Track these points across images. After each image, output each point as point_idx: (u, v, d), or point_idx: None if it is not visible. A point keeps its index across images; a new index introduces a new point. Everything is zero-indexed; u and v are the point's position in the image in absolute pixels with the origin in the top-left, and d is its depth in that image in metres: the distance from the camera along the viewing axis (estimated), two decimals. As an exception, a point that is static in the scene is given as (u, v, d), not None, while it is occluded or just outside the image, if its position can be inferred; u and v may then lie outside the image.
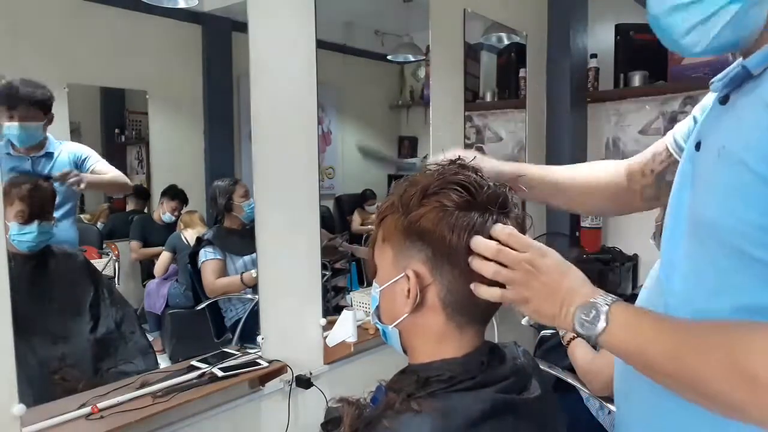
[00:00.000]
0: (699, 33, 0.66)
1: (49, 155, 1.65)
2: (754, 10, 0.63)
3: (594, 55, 2.89)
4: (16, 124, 1.57)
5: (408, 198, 0.75)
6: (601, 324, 0.65)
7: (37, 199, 1.45)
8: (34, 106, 1.58)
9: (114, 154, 1.75)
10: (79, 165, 1.67)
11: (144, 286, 1.94)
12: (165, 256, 1.94)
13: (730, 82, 0.68)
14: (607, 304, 0.66)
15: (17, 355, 1.13)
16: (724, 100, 0.70)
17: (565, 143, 2.92)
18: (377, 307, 0.82)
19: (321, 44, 1.74)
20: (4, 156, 1.59)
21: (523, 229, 0.76)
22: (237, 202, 1.89)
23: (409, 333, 0.79)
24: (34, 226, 1.44)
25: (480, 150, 3.08)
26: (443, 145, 2.36)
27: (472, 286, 0.72)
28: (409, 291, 0.74)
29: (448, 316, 0.75)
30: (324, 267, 1.90)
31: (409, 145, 2.96)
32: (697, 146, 0.72)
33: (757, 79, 0.63)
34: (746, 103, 0.64)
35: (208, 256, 1.87)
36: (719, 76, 0.69)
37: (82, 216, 1.73)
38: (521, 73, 2.85)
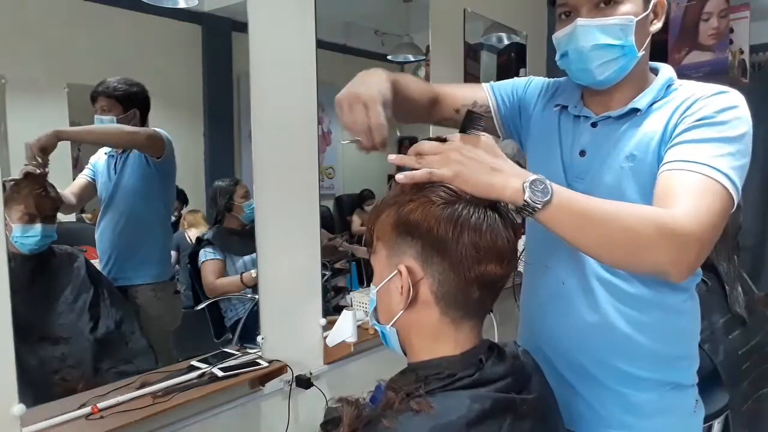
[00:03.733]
0: (604, 67, 0.95)
1: (125, 152, 1.67)
2: (633, 62, 0.95)
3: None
4: (95, 117, 1.61)
5: (397, 196, 0.77)
6: (548, 194, 0.77)
7: (40, 200, 1.45)
8: (110, 98, 1.62)
9: (114, 154, 1.74)
10: (143, 156, 1.69)
11: (144, 286, 1.94)
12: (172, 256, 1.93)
13: (622, 116, 0.98)
14: (546, 180, 0.78)
15: (17, 356, 1.14)
16: (595, 125, 1.02)
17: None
18: (375, 309, 0.83)
19: (321, 44, 1.74)
20: (106, 157, 1.66)
21: (515, 227, 0.78)
22: (237, 202, 1.89)
23: (407, 331, 0.79)
24: (37, 228, 1.44)
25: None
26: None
27: (397, 176, 0.77)
28: (402, 287, 0.75)
29: (442, 310, 0.76)
30: (324, 267, 1.90)
31: (409, 146, 2.95)
32: (582, 153, 1.02)
33: (641, 115, 0.97)
34: (642, 127, 0.96)
35: (208, 256, 1.87)
36: (611, 113, 0.99)
37: (83, 215, 1.73)
38: (521, 73, 2.85)
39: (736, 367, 1.67)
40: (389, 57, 2.88)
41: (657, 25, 0.97)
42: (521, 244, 1.20)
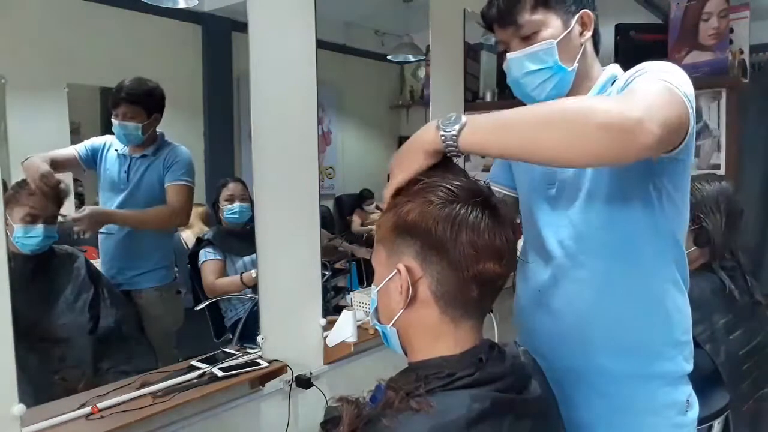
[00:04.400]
0: (540, 89, 1.02)
1: (145, 158, 1.67)
2: (568, 77, 1.01)
3: (594, 55, 2.89)
4: (116, 122, 1.60)
5: (396, 199, 0.79)
6: (462, 119, 0.80)
7: (42, 201, 1.45)
8: (134, 104, 1.61)
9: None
10: (164, 172, 1.69)
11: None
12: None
13: None
14: (458, 113, 0.81)
15: (17, 355, 1.13)
16: None
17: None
18: (375, 309, 0.83)
19: (321, 44, 1.74)
20: (116, 154, 1.65)
21: (513, 226, 0.78)
22: (221, 204, 1.89)
23: (407, 331, 0.80)
24: (39, 228, 1.44)
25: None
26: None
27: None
28: (401, 286, 0.75)
29: (442, 309, 0.76)
30: (324, 267, 1.90)
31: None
32: None
33: None
34: None
35: (208, 256, 1.87)
36: None
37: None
38: (521, 73, 2.84)
39: (737, 367, 1.67)
40: (389, 57, 2.88)
41: (588, 35, 1.03)
42: (521, 243, 1.21)
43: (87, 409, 1.25)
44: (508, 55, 1.03)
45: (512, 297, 1.20)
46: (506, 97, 2.90)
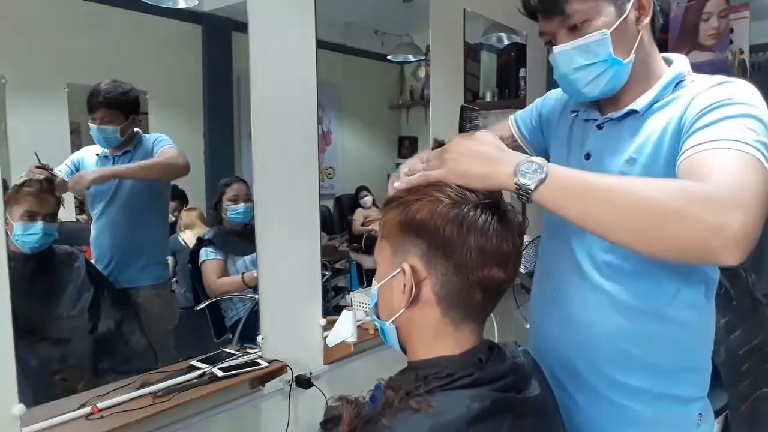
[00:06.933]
0: (592, 85, 0.93)
1: (127, 153, 1.67)
2: (623, 70, 0.92)
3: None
4: (94, 126, 1.60)
5: (404, 195, 0.78)
6: (542, 173, 0.73)
7: (42, 199, 1.45)
8: (112, 108, 1.61)
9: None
10: (152, 153, 1.69)
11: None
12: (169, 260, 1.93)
13: (622, 117, 0.96)
14: (543, 160, 0.74)
15: (17, 356, 1.13)
16: (600, 127, 0.99)
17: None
18: (376, 304, 0.82)
19: (321, 44, 1.74)
20: (97, 158, 1.65)
21: (521, 231, 0.77)
22: (224, 204, 1.89)
23: (406, 329, 0.79)
24: (39, 226, 1.44)
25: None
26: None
27: (395, 184, 0.80)
28: (405, 286, 0.75)
29: (443, 311, 0.76)
30: (324, 267, 1.90)
31: (409, 145, 2.96)
32: (587, 156, 1.00)
33: (641, 116, 0.94)
34: (643, 129, 0.93)
35: (208, 255, 1.87)
36: (612, 114, 0.98)
37: (81, 217, 1.73)
38: (521, 73, 2.85)
39: (737, 367, 1.67)
40: (389, 57, 2.88)
41: (646, 20, 0.93)
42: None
43: (87, 409, 1.26)
44: (555, 49, 0.93)
45: (512, 297, 1.20)
46: (506, 97, 2.90)
